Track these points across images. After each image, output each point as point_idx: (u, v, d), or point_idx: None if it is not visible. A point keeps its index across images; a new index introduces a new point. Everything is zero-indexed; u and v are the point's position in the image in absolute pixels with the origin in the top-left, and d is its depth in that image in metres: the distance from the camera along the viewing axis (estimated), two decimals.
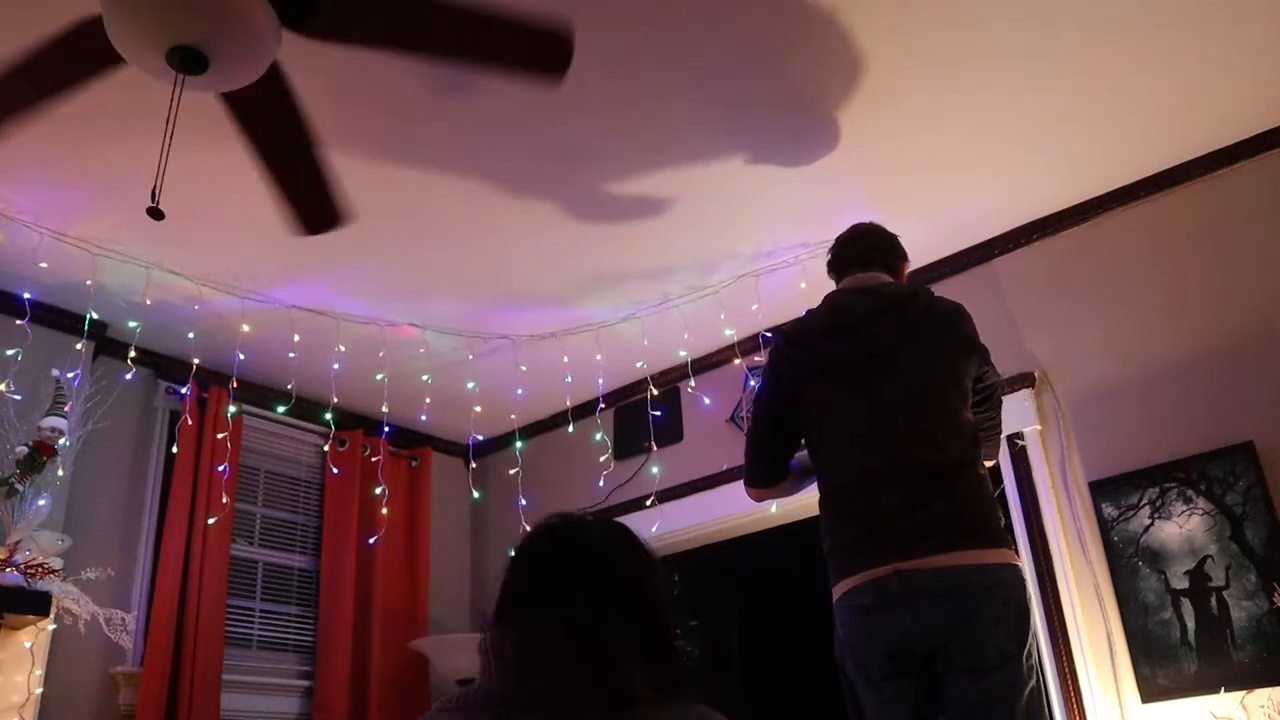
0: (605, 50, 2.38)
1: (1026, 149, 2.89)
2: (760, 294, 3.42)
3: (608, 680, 1.15)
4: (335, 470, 4.09)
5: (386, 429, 4.04)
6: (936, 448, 1.99)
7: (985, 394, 2.16)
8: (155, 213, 2.00)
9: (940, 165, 2.92)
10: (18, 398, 3.08)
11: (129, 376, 3.50)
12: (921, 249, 3.33)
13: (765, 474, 2.24)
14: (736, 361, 3.77)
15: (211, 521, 3.52)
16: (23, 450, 2.93)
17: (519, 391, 3.96)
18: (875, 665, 1.96)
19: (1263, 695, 2.51)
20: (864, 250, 2.28)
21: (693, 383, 3.84)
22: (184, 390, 3.61)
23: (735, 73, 2.48)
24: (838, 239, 2.36)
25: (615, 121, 2.65)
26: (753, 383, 3.77)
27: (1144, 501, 2.82)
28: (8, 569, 2.81)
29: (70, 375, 3.16)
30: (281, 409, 3.81)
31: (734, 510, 3.74)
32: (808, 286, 3.37)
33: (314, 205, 2.51)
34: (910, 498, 1.96)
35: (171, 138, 2.08)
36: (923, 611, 1.90)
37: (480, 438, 4.43)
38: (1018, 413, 3.12)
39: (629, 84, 2.51)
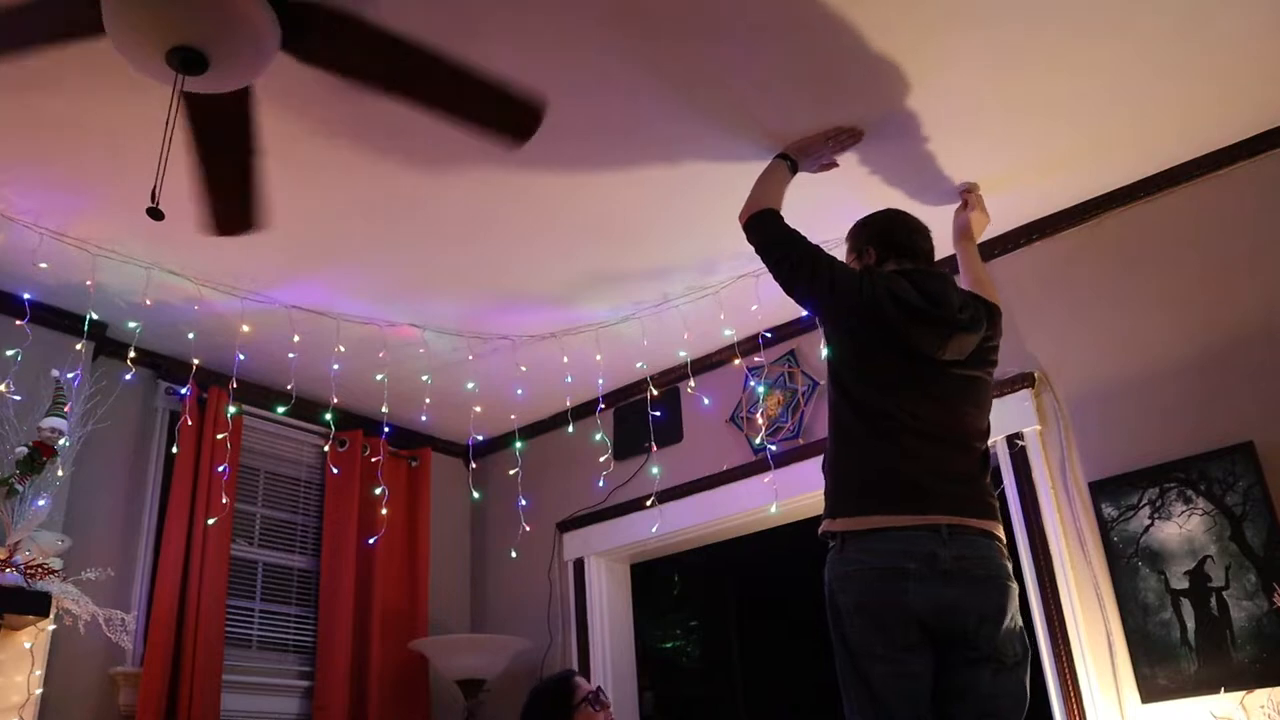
0: (606, 51, 2.38)
1: (1025, 149, 2.89)
2: (760, 294, 3.42)
3: None
4: (335, 470, 4.09)
5: (386, 429, 4.04)
6: (979, 437, 2.18)
7: None
8: (155, 213, 2.01)
9: (939, 166, 2.92)
10: (18, 398, 3.07)
11: (129, 377, 3.49)
12: None
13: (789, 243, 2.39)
14: (736, 362, 3.77)
15: (211, 522, 3.52)
16: (23, 451, 2.93)
17: (519, 392, 3.96)
18: (903, 631, 1.96)
19: (1263, 695, 2.52)
20: (928, 249, 2.40)
21: (692, 383, 3.84)
22: (184, 391, 3.61)
23: (736, 73, 2.49)
24: (894, 220, 2.44)
25: (614, 122, 2.65)
26: (752, 383, 3.78)
27: (1144, 502, 2.82)
28: (8, 569, 2.80)
29: (70, 375, 3.16)
30: (281, 409, 3.81)
31: (734, 510, 3.75)
32: None
33: None
34: (959, 468, 2.09)
35: (171, 138, 2.08)
36: (964, 592, 1.97)
37: (480, 438, 4.43)
38: (1018, 413, 3.12)
39: (629, 85, 2.51)
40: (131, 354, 3.42)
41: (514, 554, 4.03)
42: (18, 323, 3.16)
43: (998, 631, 1.97)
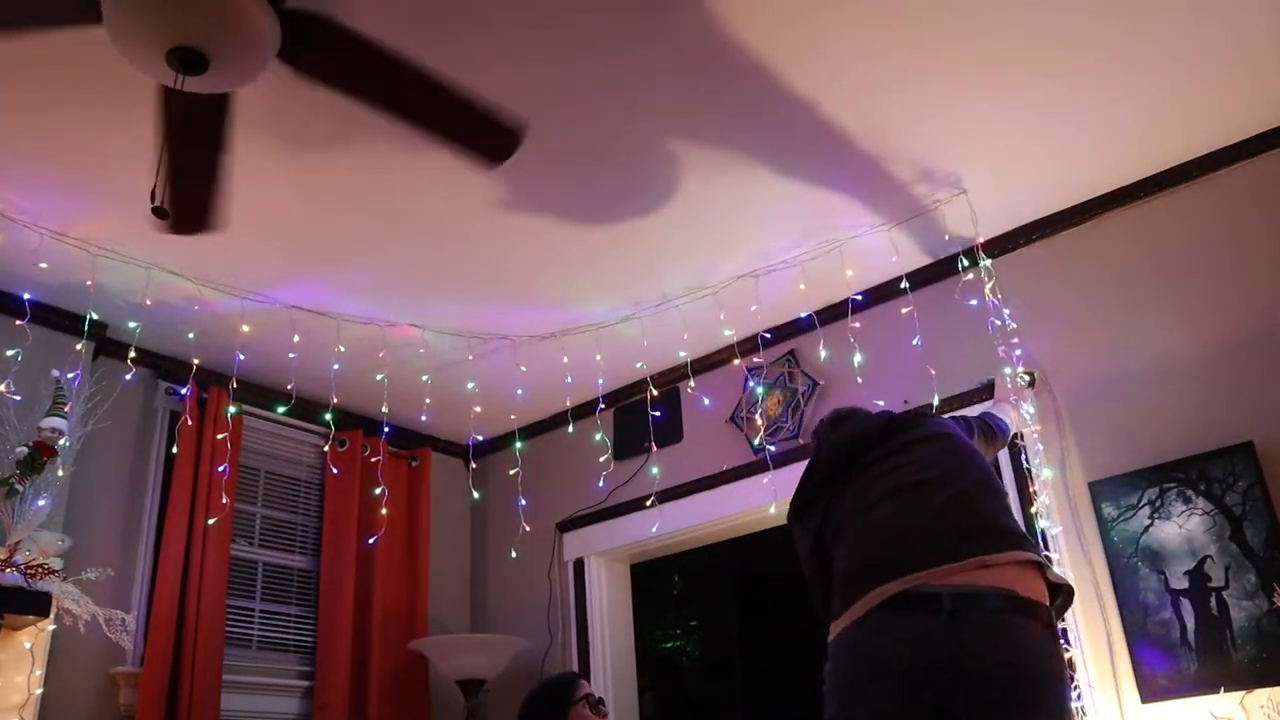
0: (607, 54, 2.38)
1: (1026, 149, 2.89)
2: (759, 295, 3.42)
3: None
4: (335, 470, 4.08)
5: (386, 429, 4.03)
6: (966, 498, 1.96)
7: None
8: (160, 212, 2.01)
9: (938, 167, 2.92)
10: (18, 398, 3.07)
11: (129, 377, 3.49)
12: (921, 250, 3.34)
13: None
14: (736, 362, 3.77)
15: (211, 522, 3.52)
16: (23, 451, 2.92)
17: (519, 392, 3.96)
18: (886, 693, 1.80)
19: (1263, 695, 2.52)
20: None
21: (692, 383, 3.84)
22: (184, 391, 3.60)
23: (736, 76, 2.49)
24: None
25: (614, 122, 2.65)
26: (751, 383, 3.78)
27: (1143, 501, 2.82)
28: (8, 569, 2.80)
29: (70, 376, 3.16)
30: (281, 409, 3.81)
31: (734, 510, 3.75)
32: (807, 288, 3.37)
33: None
34: (938, 517, 1.92)
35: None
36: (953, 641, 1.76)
37: (480, 438, 4.42)
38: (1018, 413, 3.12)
39: (629, 86, 2.51)
40: (131, 354, 3.42)
41: (514, 554, 4.02)
42: (18, 323, 3.15)
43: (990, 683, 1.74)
